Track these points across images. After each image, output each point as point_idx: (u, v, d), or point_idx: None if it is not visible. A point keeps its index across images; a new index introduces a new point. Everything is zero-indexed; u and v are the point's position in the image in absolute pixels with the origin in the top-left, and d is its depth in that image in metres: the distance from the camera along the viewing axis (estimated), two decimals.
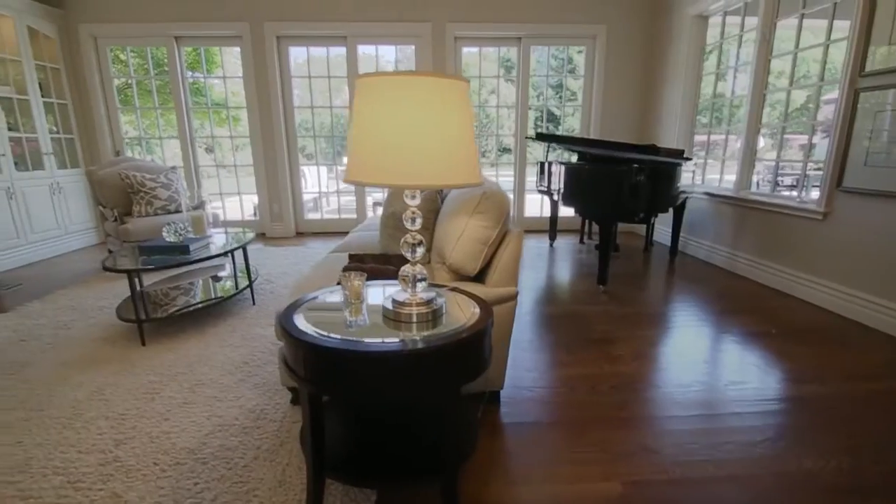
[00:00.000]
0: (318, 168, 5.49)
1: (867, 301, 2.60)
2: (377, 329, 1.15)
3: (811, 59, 3.45)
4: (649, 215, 3.48)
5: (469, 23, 4.71)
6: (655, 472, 1.43)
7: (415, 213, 1.20)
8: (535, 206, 5.49)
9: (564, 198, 3.45)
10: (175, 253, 2.49)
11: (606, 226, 3.08)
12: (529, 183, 5.32)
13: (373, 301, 1.34)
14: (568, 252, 4.43)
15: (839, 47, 2.81)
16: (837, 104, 2.76)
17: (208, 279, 3.06)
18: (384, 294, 1.35)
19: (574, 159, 4.79)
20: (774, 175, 3.56)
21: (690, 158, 3.49)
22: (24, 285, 3.39)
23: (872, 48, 2.55)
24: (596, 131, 5.07)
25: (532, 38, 4.88)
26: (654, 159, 3.22)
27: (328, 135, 5.34)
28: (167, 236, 2.59)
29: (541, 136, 3.90)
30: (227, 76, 5.13)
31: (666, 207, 3.34)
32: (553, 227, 4.72)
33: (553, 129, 5.47)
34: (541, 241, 4.85)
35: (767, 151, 3.81)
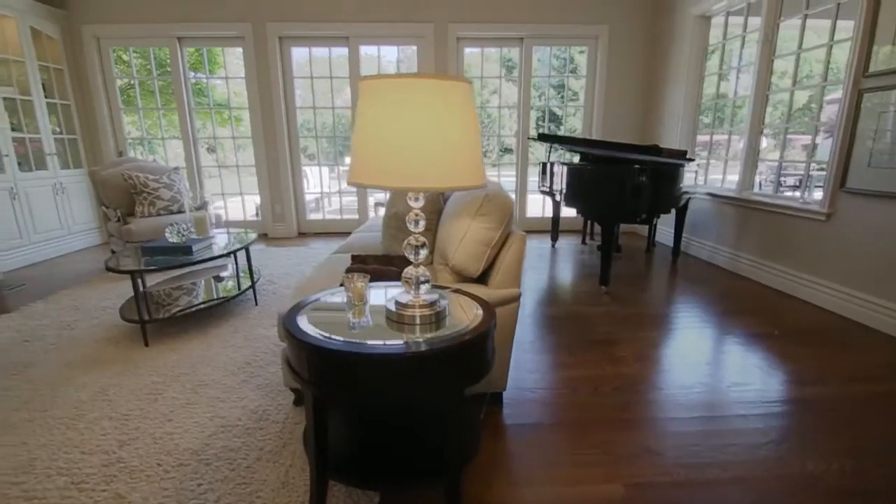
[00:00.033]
0: (321, 168, 5.49)
1: (870, 302, 2.60)
2: (380, 331, 1.15)
3: (814, 60, 3.45)
4: (652, 216, 3.48)
5: (471, 23, 4.71)
6: (658, 474, 1.43)
7: (418, 215, 1.20)
8: (536, 207, 5.48)
9: (566, 198, 3.45)
10: (178, 254, 2.49)
11: (608, 227, 3.08)
12: (531, 183, 5.31)
13: (375, 302, 1.34)
14: (570, 253, 4.43)
15: (842, 48, 2.80)
16: (841, 105, 2.75)
17: (211, 279, 3.07)
18: (387, 295, 1.35)
19: (576, 160, 4.79)
20: (777, 175, 3.56)
21: (693, 159, 3.48)
22: (27, 285, 3.40)
23: (876, 48, 2.54)
24: (598, 131, 5.06)
25: (534, 39, 4.88)
26: (657, 160, 3.21)
27: (330, 135, 5.34)
28: (170, 237, 2.59)
29: (543, 137, 3.89)
30: (229, 77, 5.14)
31: (668, 208, 3.34)
32: (555, 227, 4.72)
33: (555, 129, 5.46)
34: (543, 241, 4.85)
35: (770, 151, 3.80)
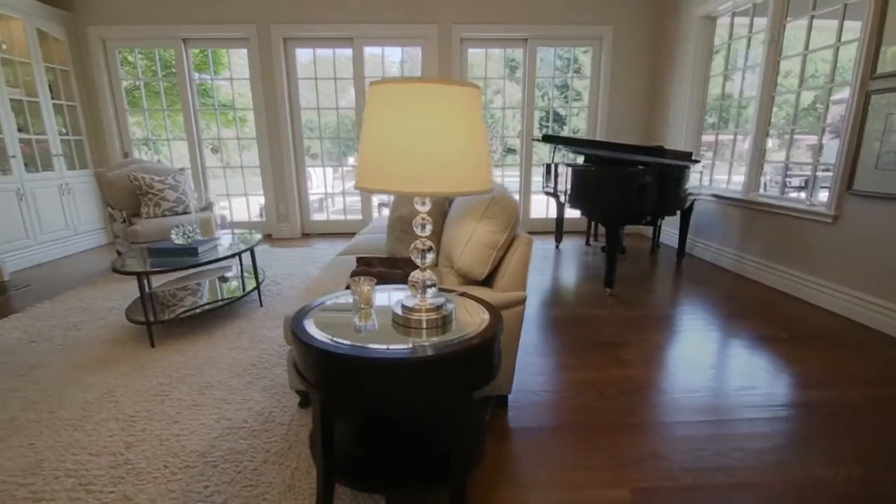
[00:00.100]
0: (324, 169, 5.50)
1: (877, 305, 2.58)
2: (387, 335, 1.15)
3: (820, 60, 3.42)
4: (657, 218, 3.47)
5: (475, 24, 4.70)
6: (665, 479, 1.42)
7: (424, 219, 1.20)
8: (540, 208, 5.48)
9: (571, 199, 3.44)
10: (183, 255, 2.51)
11: (613, 228, 3.07)
12: (535, 184, 5.31)
13: (381, 305, 1.34)
14: (574, 254, 4.42)
15: (849, 49, 2.78)
16: (848, 106, 2.73)
17: (216, 280, 3.08)
18: (393, 299, 1.35)
19: (580, 160, 4.78)
20: (783, 177, 3.54)
21: (698, 161, 3.47)
22: (33, 286, 3.42)
23: (884, 49, 2.52)
24: (602, 132, 5.05)
25: (538, 40, 4.87)
26: (661, 162, 3.20)
27: (333, 136, 5.35)
28: (176, 239, 2.60)
29: (547, 138, 3.88)
30: (234, 77, 5.15)
31: (674, 210, 3.32)
32: (559, 228, 4.71)
33: (558, 129, 5.45)
34: (547, 242, 4.84)
35: (774, 152, 3.78)
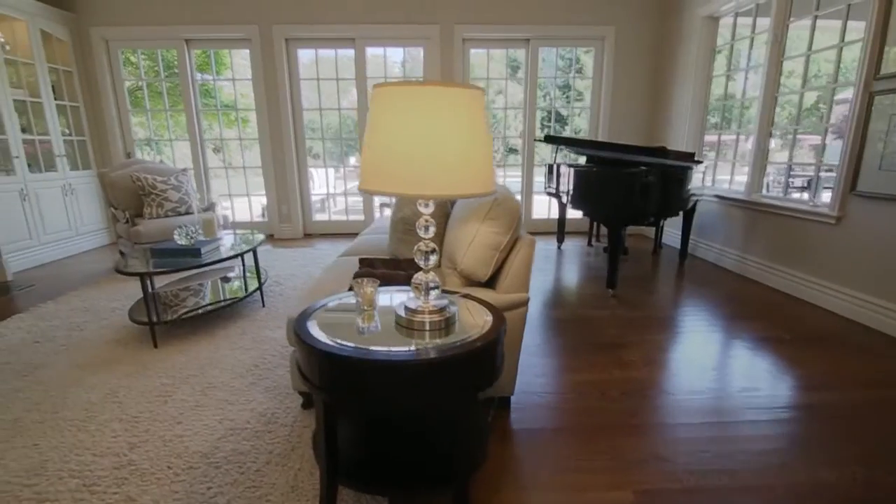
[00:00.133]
0: (326, 170, 5.51)
1: (880, 306, 2.57)
2: (391, 337, 1.15)
3: (823, 60, 3.41)
4: (659, 219, 3.46)
5: (477, 24, 4.70)
6: (667, 481, 1.42)
7: (428, 221, 1.20)
8: (542, 208, 5.47)
9: (573, 200, 3.44)
10: (186, 256, 2.51)
11: (616, 229, 3.06)
12: (537, 184, 5.30)
13: (384, 307, 1.34)
14: (576, 254, 4.41)
15: (853, 49, 2.77)
16: (851, 107, 2.72)
17: (218, 281, 3.08)
18: (396, 300, 1.35)
19: (582, 161, 4.77)
20: (786, 177, 3.53)
21: (701, 161, 3.46)
22: (37, 286, 3.43)
23: (888, 50, 2.52)
24: (604, 132, 5.04)
25: (540, 40, 4.86)
26: (664, 162, 3.20)
27: (335, 136, 5.36)
28: (179, 239, 2.61)
29: (549, 139, 3.88)
30: (236, 78, 5.16)
31: (676, 211, 3.32)
32: (561, 229, 4.71)
33: (560, 129, 5.45)
34: (549, 243, 4.84)
35: (777, 152, 3.77)
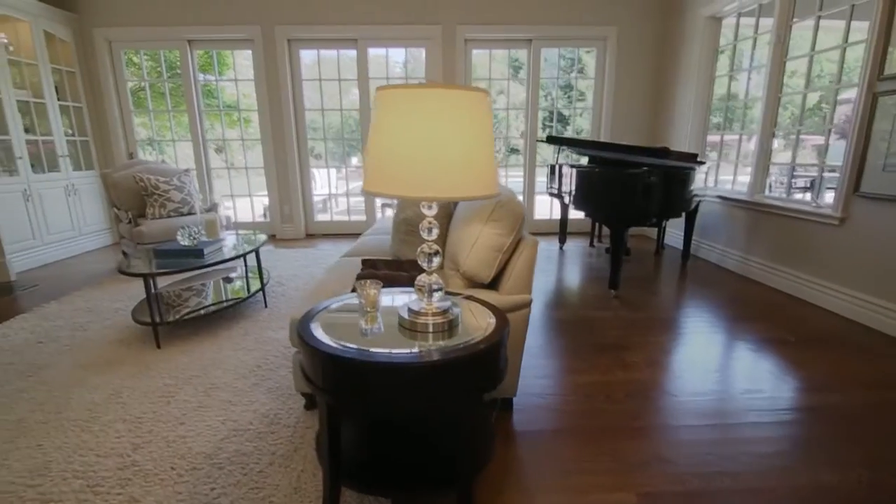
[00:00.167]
0: (328, 170, 5.51)
1: (884, 308, 2.56)
2: (394, 339, 1.15)
3: (825, 59, 3.40)
4: (662, 219, 3.46)
5: (479, 25, 4.70)
6: (671, 483, 1.42)
7: (431, 223, 1.20)
8: (544, 208, 5.47)
9: (576, 201, 3.43)
10: (189, 257, 2.51)
11: (618, 230, 3.06)
12: (539, 184, 5.30)
13: (387, 308, 1.34)
14: (578, 255, 4.41)
15: (856, 49, 2.76)
16: (855, 108, 2.71)
17: (220, 281, 3.09)
18: (398, 302, 1.35)
19: (584, 161, 4.77)
20: (789, 178, 3.52)
21: (704, 162, 3.45)
22: (40, 286, 3.44)
23: (891, 50, 2.51)
24: (606, 132, 5.04)
25: (542, 41, 4.86)
26: (666, 163, 3.19)
27: (337, 136, 5.36)
28: (181, 240, 2.61)
29: (552, 139, 3.88)
30: (238, 78, 5.17)
31: (679, 212, 3.31)
32: (563, 229, 4.70)
33: (562, 129, 5.45)
34: (550, 243, 4.83)
35: (780, 152, 3.76)
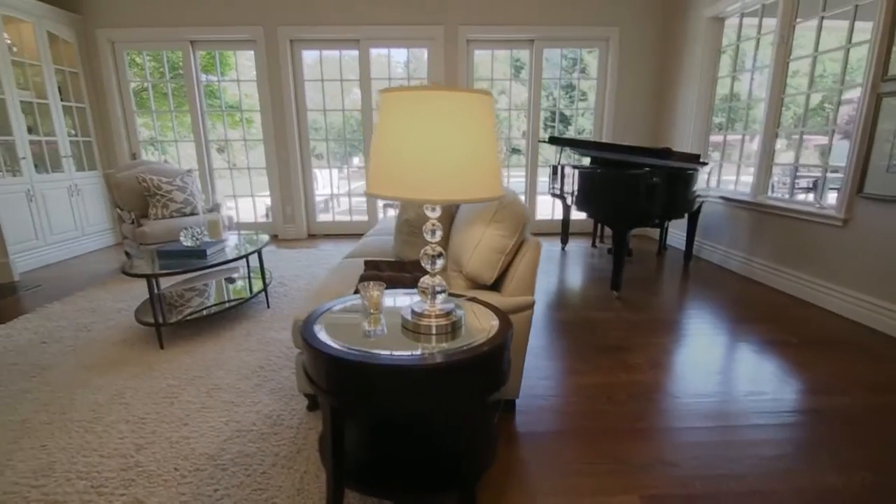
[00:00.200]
0: (330, 170, 5.52)
1: (888, 310, 2.55)
2: (397, 341, 1.15)
3: (828, 59, 3.39)
4: (664, 220, 3.45)
5: (482, 25, 4.70)
6: (674, 486, 1.42)
7: (435, 225, 1.20)
8: (546, 209, 5.46)
9: (578, 202, 3.43)
10: (192, 257, 2.52)
11: (620, 231, 3.06)
12: (541, 185, 5.30)
13: (389, 309, 1.34)
14: (580, 256, 4.40)
15: (860, 49, 2.75)
16: (858, 108, 2.70)
17: (223, 282, 3.09)
18: (401, 303, 1.35)
19: (586, 161, 4.76)
20: (792, 178, 3.51)
21: (706, 163, 3.45)
22: (43, 286, 3.45)
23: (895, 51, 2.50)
24: (608, 133, 5.03)
25: (544, 41, 4.86)
26: (669, 164, 3.19)
27: (339, 137, 5.36)
28: (184, 241, 2.62)
29: (554, 140, 3.88)
30: (240, 79, 5.18)
31: (682, 213, 3.30)
32: (565, 230, 4.70)
33: (563, 130, 5.44)
34: (552, 244, 4.83)
35: (782, 153, 3.75)
